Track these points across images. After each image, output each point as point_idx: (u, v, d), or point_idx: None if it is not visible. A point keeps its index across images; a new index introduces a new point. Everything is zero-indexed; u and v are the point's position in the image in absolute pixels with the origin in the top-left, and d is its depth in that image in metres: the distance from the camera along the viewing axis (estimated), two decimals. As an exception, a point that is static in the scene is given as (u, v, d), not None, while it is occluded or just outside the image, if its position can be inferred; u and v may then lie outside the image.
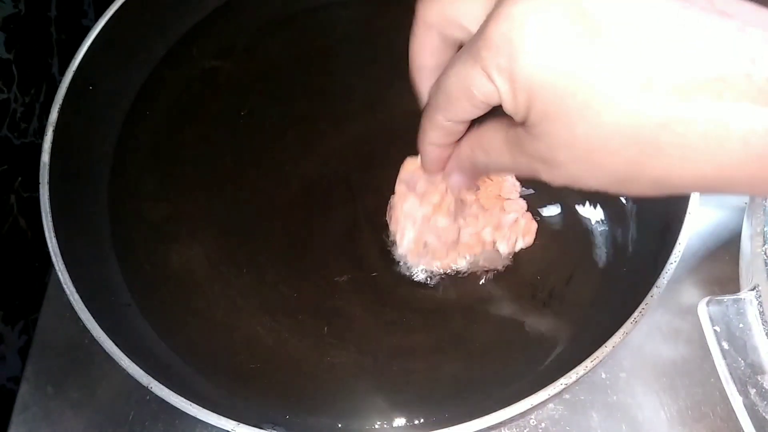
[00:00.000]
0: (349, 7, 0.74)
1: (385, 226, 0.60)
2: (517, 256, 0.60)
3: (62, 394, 0.64)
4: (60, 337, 0.66)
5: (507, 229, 0.58)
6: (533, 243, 0.59)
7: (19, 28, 0.68)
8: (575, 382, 0.47)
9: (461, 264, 0.58)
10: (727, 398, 0.51)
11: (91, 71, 0.63)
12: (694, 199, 0.52)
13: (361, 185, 0.64)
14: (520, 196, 0.60)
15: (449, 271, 0.59)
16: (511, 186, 0.59)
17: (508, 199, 0.58)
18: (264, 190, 0.65)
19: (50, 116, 0.59)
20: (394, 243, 0.59)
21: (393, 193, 0.56)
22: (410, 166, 0.54)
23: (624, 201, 0.62)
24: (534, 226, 0.59)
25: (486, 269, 0.59)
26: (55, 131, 0.59)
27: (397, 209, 0.57)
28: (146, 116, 0.69)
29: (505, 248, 0.58)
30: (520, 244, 0.59)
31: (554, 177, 0.34)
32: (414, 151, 0.52)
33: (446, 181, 0.51)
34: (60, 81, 0.62)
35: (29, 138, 0.71)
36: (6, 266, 0.68)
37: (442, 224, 0.55)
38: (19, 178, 0.69)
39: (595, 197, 0.62)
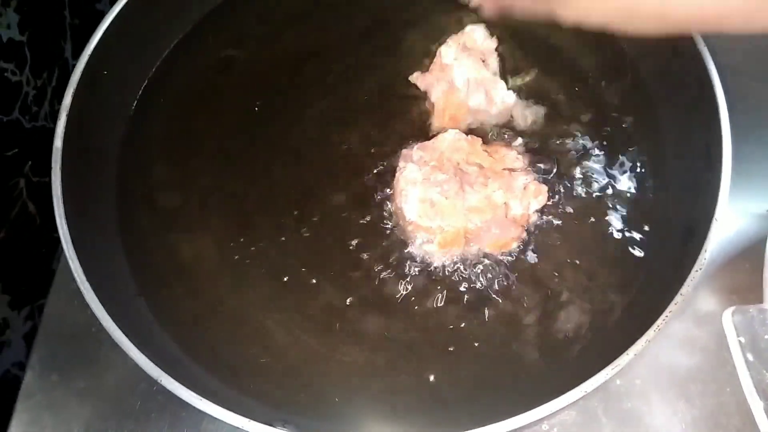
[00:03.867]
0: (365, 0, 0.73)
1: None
2: (535, 255, 0.59)
3: (67, 382, 0.63)
4: (67, 325, 0.65)
5: (518, 192, 0.59)
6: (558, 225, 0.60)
7: (32, 11, 0.67)
8: (594, 389, 0.46)
9: (472, 227, 0.58)
10: (744, 409, 0.50)
11: (106, 56, 0.62)
12: (722, 204, 0.51)
13: (378, 178, 0.63)
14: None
15: (466, 248, 0.59)
16: (514, 157, 0.61)
17: (513, 170, 0.60)
18: (278, 182, 0.64)
19: (64, 100, 0.58)
20: (407, 233, 0.60)
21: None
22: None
23: (647, 204, 0.61)
24: (544, 188, 0.60)
25: (503, 246, 0.59)
26: (69, 116, 0.58)
27: (399, 179, 0.60)
28: (159, 103, 0.68)
29: (519, 209, 0.58)
30: (534, 205, 0.59)
31: (568, 13, 0.41)
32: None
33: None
34: (73, 65, 0.61)
35: (40, 122, 0.70)
36: (14, 251, 0.67)
37: (442, 177, 0.58)
38: (30, 162, 0.68)
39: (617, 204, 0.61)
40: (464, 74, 0.64)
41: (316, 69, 0.69)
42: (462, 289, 0.58)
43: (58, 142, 0.57)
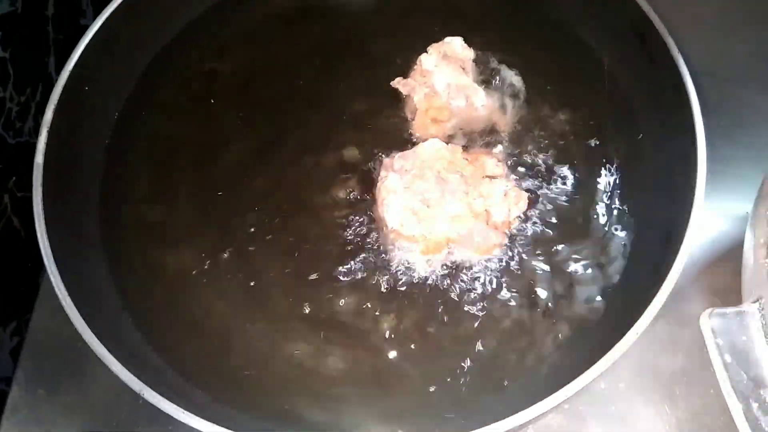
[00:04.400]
0: (345, 10, 0.74)
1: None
2: (516, 261, 0.59)
3: (54, 396, 0.63)
4: (52, 339, 0.65)
5: (498, 199, 0.59)
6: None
7: (15, 27, 0.67)
8: (574, 394, 0.47)
9: (454, 236, 0.58)
10: (727, 410, 0.50)
11: (88, 71, 0.63)
12: (698, 209, 0.52)
13: (359, 187, 0.63)
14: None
15: (448, 255, 0.59)
16: (494, 164, 0.61)
17: (494, 177, 0.61)
18: (261, 194, 0.64)
19: (44, 116, 0.59)
20: (388, 237, 0.60)
21: None
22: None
23: (626, 208, 0.61)
24: (524, 194, 0.60)
25: (485, 253, 0.59)
26: (50, 132, 0.58)
27: (380, 189, 0.60)
28: (141, 117, 0.68)
29: (500, 216, 0.59)
30: (515, 212, 0.60)
31: None
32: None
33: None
34: (56, 80, 0.61)
35: (24, 137, 0.70)
36: (-1, 266, 0.67)
37: (423, 186, 0.59)
38: (14, 178, 0.68)
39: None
40: (445, 80, 0.65)
41: (297, 80, 0.70)
42: (444, 296, 0.58)
43: (39, 158, 0.57)
